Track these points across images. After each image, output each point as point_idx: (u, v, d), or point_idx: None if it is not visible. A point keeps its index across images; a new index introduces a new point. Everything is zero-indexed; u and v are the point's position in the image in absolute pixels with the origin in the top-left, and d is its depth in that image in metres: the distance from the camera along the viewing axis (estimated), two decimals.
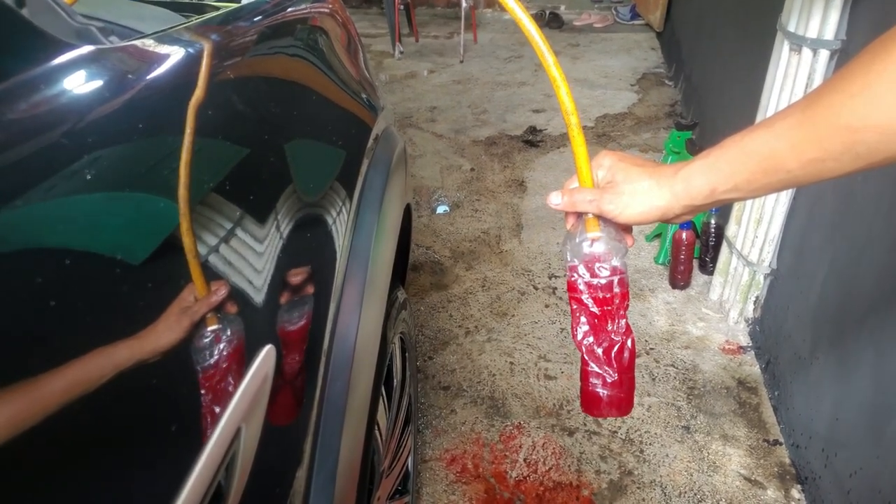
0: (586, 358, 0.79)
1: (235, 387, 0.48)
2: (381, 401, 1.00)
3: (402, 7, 5.23)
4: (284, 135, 0.77)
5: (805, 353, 1.70)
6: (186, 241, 0.49)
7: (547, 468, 1.72)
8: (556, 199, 0.74)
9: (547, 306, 2.30)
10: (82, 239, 0.41)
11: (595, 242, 0.75)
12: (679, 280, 2.36)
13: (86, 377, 0.37)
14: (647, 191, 0.67)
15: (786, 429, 1.77)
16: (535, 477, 1.70)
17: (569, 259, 0.77)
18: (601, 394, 0.79)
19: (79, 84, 0.48)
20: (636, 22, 5.80)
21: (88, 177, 0.43)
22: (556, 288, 2.39)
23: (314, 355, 0.64)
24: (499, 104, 4.10)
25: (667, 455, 1.75)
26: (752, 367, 2.02)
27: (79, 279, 0.40)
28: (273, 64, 0.83)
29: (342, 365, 0.70)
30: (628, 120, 3.82)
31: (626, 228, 0.77)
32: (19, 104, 0.42)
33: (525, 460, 1.75)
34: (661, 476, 1.69)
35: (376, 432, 0.98)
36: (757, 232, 2.03)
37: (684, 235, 2.28)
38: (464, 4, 5.03)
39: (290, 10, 0.93)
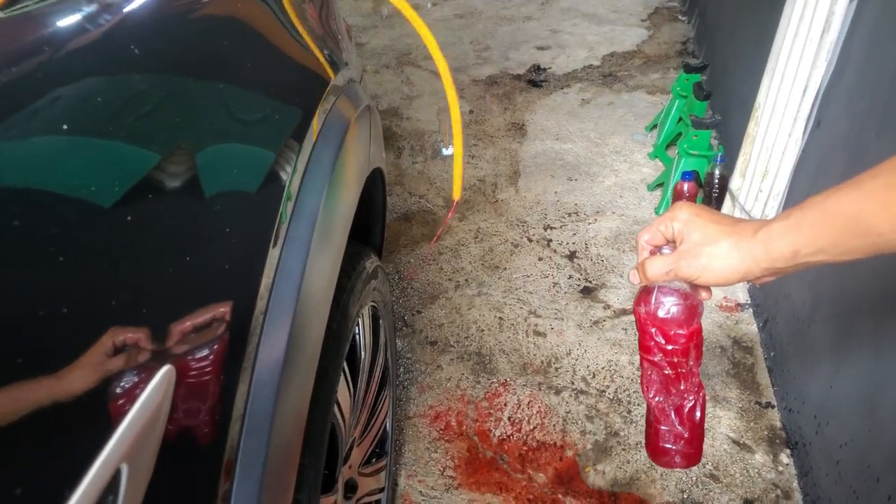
0: (657, 416, 0.78)
1: (118, 420, 0.41)
2: (342, 377, 0.95)
3: None
4: (211, 90, 0.69)
5: (804, 314, 1.64)
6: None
7: (531, 427, 1.69)
8: (633, 278, 0.73)
9: (540, 259, 2.23)
10: None
11: (672, 306, 0.72)
12: None
13: None
14: (727, 254, 0.63)
15: (779, 392, 1.72)
16: (518, 436, 1.67)
17: (643, 321, 0.74)
18: (671, 449, 0.79)
19: None
20: None
21: None
22: (550, 240, 2.31)
23: (235, 356, 0.57)
24: (502, 40, 3.92)
25: None
26: (749, 326, 1.96)
27: None
28: (210, 15, 0.73)
29: (274, 358, 0.63)
30: (637, 59, 3.65)
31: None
32: None
33: (510, 419, 1.72)
34: None
35: (336, 411, 0.93)
36: (762, 185, 1.93)
37: (686, 187, 2.18)
38: None
39: None
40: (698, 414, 0.78)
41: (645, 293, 0.74)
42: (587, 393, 1.78)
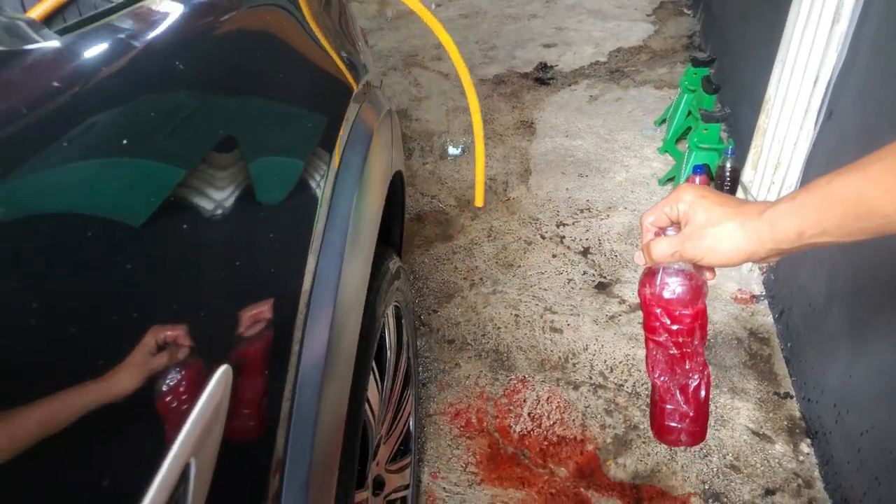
0: (662, 395, 0.79)
1: (185, 417, 0.44)
2: (371, 376, 0.97)
3: None
4: (251, 102, 0.71)
5: (820, 304, 1.65)
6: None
7: (551, 422, 1.71)
8: (638, 259, 0.73)
9: (554, 256, 2.25)
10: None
11: (676, 287, 0.73)
12: None
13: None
14: (732, 234, 0.63)
15: (797, 381, 1.73)
16: (539, 431, 1.69)
17: (648, 302, 0.75)
18: (677, 427, 0.79)
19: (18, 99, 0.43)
20: None
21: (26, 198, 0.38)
22: (563, 237, 2.33)
23: (282, 355, 0.59)
24: (508, 39, 3.93)
25: None
26: (764, 317, 1.97)
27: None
28: (242, 31, 0.76)
29: (316, 356, 0.65)
30: (643, 54, 3.65)
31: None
32: None
33: (529, 414, 1.73)
34: None
35: (367, 409, 0.95)
36: (774, 178, 1.94)
37: (697, 180, 2.19)
38: None
39: None
40: (703, 393, 0.78)
41: (650, 274, 0.75)
42: (605, 387, 1.79)
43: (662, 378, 0.79)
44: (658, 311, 0.74)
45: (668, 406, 0.79)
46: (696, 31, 3.81)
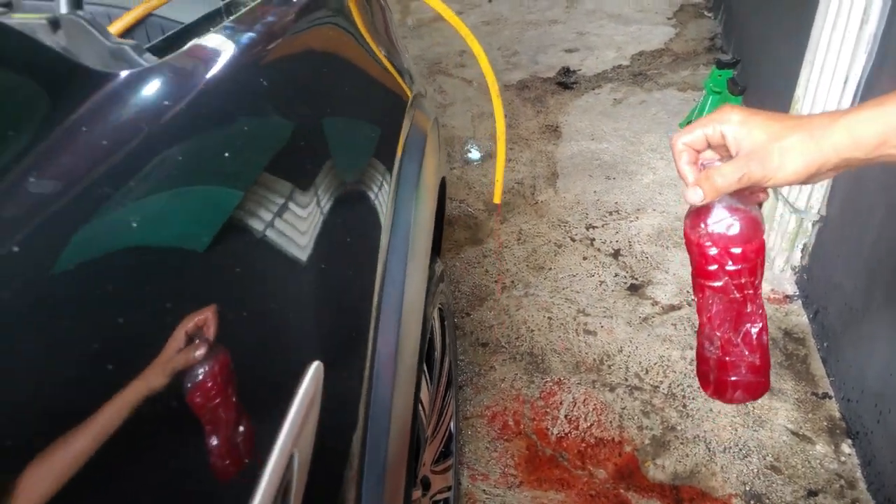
0: (725, 348, 0.71)
1: (286, 410, 0.46)
2: (423, 376, 0.99)
3: None
4: (326, 116, 0.74)
5: (857, 303, 1.64)
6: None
7: (588, 424, 1.72)
8: (695, 196, 0.63)
9: (585, 258, 2.26)
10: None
11: (735, 221, 0.65)
12: None
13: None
14: (801, 146, 0.58)
15: (836, 381, 1.73)
16: (576, 433, 1.70)
17: (701, 244, 0.66)
18: (741, 381, 0.72)
19: (112, 119, 0.46)
20: None
21: (132, 221, 0.41)
22: (593, 239, 2.34)
23: (360, 353, 0.62)
24: (530, 45, 3.95)
25: (710, 409, 1.73)
26: (799, 317, 1.96)
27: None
28: (310, 49, 0.79)
29: (387, 355, 0.68)
30: (665, 57, 3.66)
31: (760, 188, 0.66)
32: (57, 145, 0.41)
33: (566, 417, 1.74)
34: (704, 431, 1.67)
35: (420, 408, 0.97)
36: None
37: None
38: None
39: None
40: (765, 337, 0.72)
41: (698, 214, 0.67)
42: (641, 389, 1.80)
43: (722, 329, 0.71)
44: (715, 251, 0.66)
45: (730, 358, 0.71)
46: (718, 34, 3.81)
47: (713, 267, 0.67)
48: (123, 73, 0.50)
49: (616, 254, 2.26)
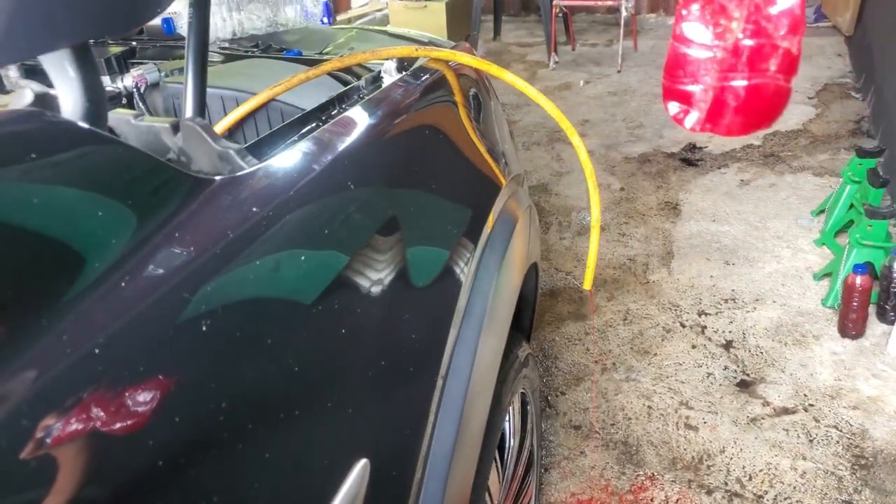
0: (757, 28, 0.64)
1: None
2: (493, 465, 0.98)
3: (559, 14, 5.14)
4: (425, 199, 0.80)
5: None
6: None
7: None
8: None
9: (694, 347, 2.15)
10: None
11: None
12: (850, 328, 2.10)
13: None
14: None
15: None
16: None
17: None
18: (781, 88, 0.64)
19: (211, 225, 0.52)
20: (821, 24, 5.27)
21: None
22: (705, 327, 2.23)
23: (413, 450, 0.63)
24: (656, 118, 3.90)
25: None
26: None
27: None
28: (418, 144, 0.86)
29: (447, 445, 0.69)
30: (802, 138, 3.48)
31: None
32: (161, 251, 0.47)
33: None
34: None
35: (486, 497, 0.96)
36: None
37: (859, 280, 2.02)
38: (623, 12, 4.85)
39: (426, 78, 0.95)
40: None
41: None
42: (742, 496, 1.66)
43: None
44: None
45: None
46: (865, 116, 3.58)
47: None
48: (218, 178, 0.55)
49: (728, 345, 2.14)
